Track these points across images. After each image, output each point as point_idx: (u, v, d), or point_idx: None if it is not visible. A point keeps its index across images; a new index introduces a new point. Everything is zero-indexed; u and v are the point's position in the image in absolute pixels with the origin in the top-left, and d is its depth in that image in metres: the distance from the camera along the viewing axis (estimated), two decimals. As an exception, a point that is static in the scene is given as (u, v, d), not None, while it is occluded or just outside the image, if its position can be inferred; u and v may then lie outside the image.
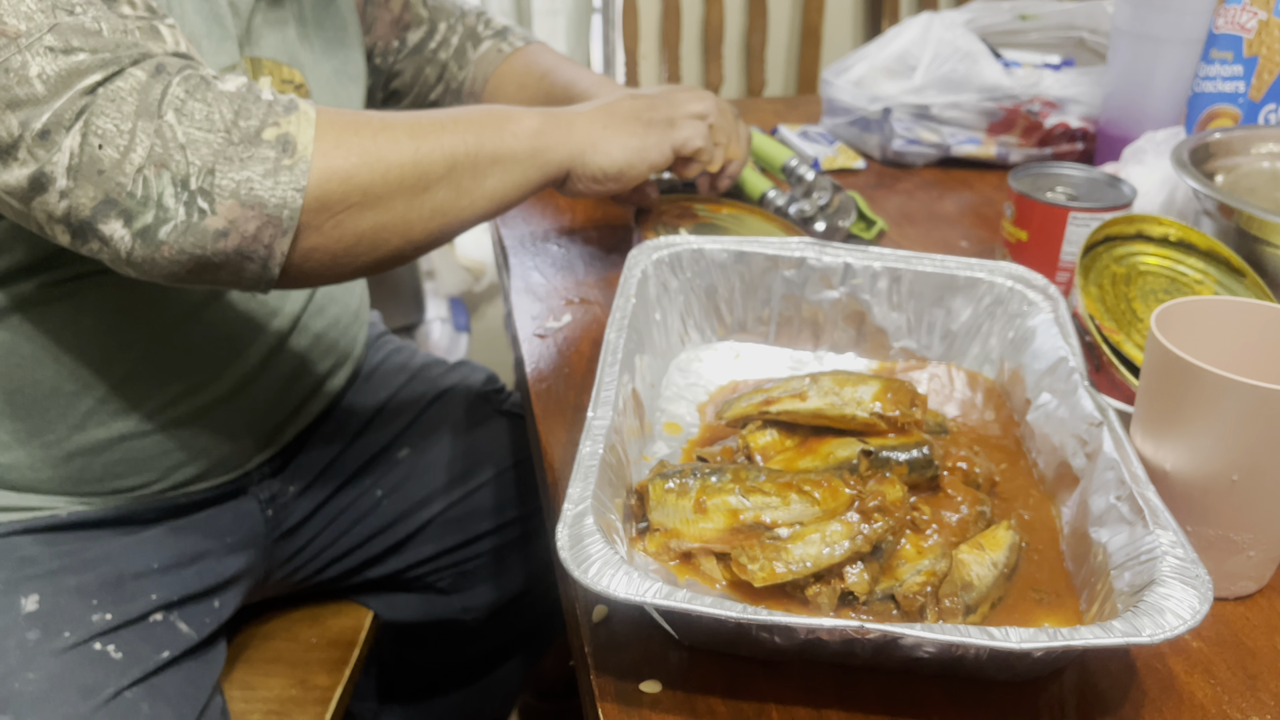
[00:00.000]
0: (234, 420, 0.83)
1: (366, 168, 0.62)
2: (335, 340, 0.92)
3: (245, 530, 0.87)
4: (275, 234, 0.59)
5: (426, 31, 1.01)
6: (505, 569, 1.04)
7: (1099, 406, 0.58)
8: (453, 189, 0.67)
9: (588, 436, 0.54)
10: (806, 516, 0.53)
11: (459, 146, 0.67)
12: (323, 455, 0.95)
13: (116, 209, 0.57)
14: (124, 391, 0.75)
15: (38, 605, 0.73)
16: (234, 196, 0.58)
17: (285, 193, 0.59)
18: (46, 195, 0.56)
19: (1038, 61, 1.17)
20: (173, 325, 0.76)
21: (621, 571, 0.45)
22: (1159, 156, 0.89)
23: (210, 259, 0.59)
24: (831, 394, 0.61)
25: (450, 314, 2.04)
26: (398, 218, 0.65)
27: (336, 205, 0.61)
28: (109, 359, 0.74)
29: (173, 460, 0.80)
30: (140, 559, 0.79)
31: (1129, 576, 0.48)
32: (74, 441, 0.75)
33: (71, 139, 0.55)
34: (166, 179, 0.56)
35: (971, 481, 0.60)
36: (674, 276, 0.72)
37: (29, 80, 0.54)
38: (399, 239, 0.66)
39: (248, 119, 0.59)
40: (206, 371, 0.79)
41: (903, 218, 1.01)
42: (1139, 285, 0.71)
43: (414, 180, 0.65)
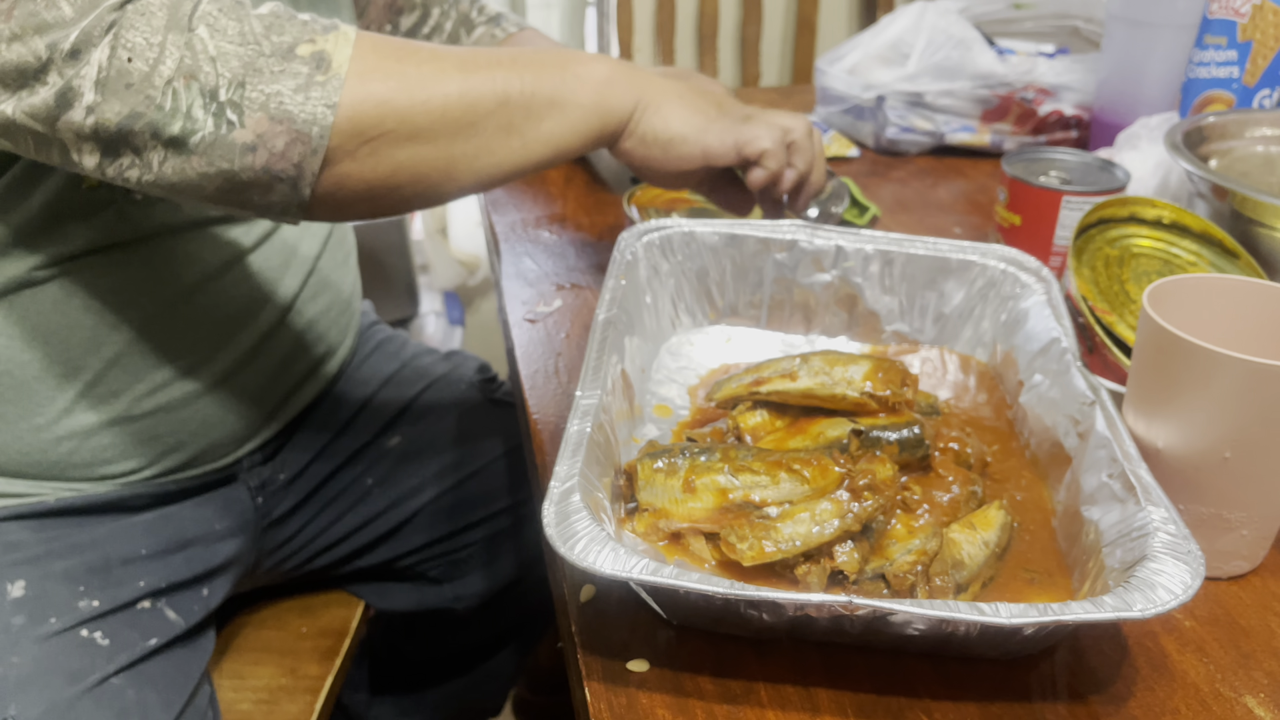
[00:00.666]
0: (225, 406, 0.82)
1: (406, 94, 0.59)
2: (328, 327, 0.91)
3: (235, 517, 0.86)
4: (305, 152, 0.57)
5: (419, 16, 1.00)
6: (497, 557, 1.04)
7: (1091, 386, 0.57)
8: (503, 129, 0.63)
9: (575, 415, 0.53)
10: (796, 495, 0.52)
11: (514, 84, 0.63)
12: (314, 442, 0.95)
13: (144, 120, 0.55)
14: (113, 375, 0.74)
15: (24, 591, 0.72)
16: (263, 110, 0.56)
17: (316, 109, 0.57)
18: (73, 112, 0.55)
19: (1032, 49, 1.17)
20: (164, 308, 0.75)
21: (608, 548, 0.45)
22: (1153, 142, 0.89)
23: (238, 175, 0.57)
24: (822, 374, 0.60)
25: (444, 307, 2.03)
26: (440, 153, 0.61)
27: (371, 130, 0.59)
28: (98, 342, 0.73)
29: (163, 446, 0.79)
30: (128, 545, 0.78)
31: (1120, 554, 0.48)
32: (62, 426, 0.74)
33: (100, 53, 0.54)
34: (195, 90, 0.55)
35: (963, 462, 0.59)
36: (665, 259, 0.71)
37: (56, 3, 0.54)
38: (440, 176, 0.62)
39: (281, 34, 0.57)
40: (198, 355, 0.78)
41: (897, 205, 1.01)
42: (1132, 267, 0.70)
43: (459, 114, 0.61)
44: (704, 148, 0.71)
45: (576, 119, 0.66)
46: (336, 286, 0.92)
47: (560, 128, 0.65)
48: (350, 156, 0.59)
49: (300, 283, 0.85)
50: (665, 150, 0.70)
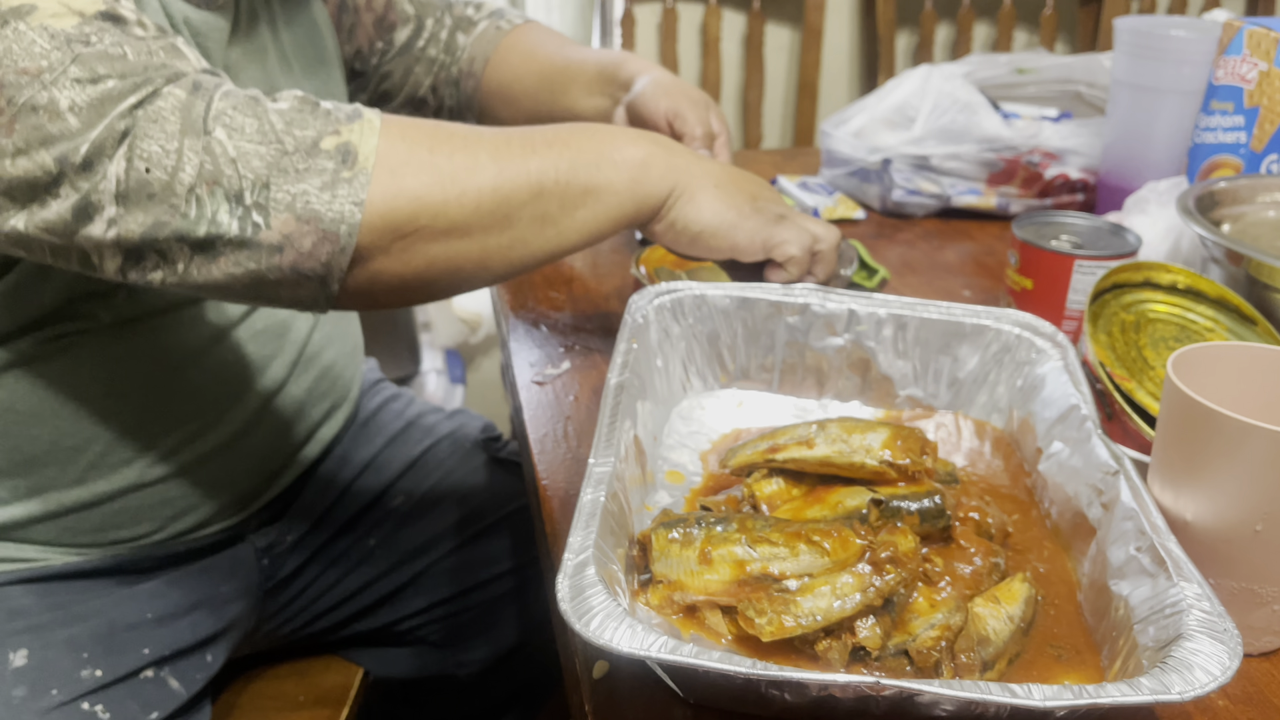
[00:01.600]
0: (233, 467, 0.81)
1: (440, 189, 0.58)
2: (331, 384, 0.90)
3: (240, 580, 0.85)
4: (333, 251, 0.56)
5: (414, 29, 0.99)
6: (500, 622, 1.01)
7: (1114, 455, 0.56)
8: (538, 220, 0.62)
9: (589, 483, 0.52)
10: (816, 568, 0.51)
11: (548, 173, 0.62)
12: (319, 502, 0.93)
13: (169, 229, 0.54)
14: (124, 443, 0.73)
15: (26, 660, 0.70)
16: (289, 210, 0.55)
17: (343, 207, 0.55)
18: (93, 225, 0.54)
19: (1035, 114, 1.18)
20: (171, 373, 0.74)
21: (624, 625, 0.43)
22: (1162, 206, 0.89)
23: (266, 274, 0.56)
24: (839, 441, 0.59)
25: (446, 366, 2.02)
26: (474, 246, 0.60)
27: (405, 227, 0.57)
28: (108, 412, 0.72)
29: (172, 510, 0.78)
30: (134, 610, 0.77)
31: (1153, 631, 0.46)
32: (73, 495, 0.73)
33: (116, 165, 0.53)
34: (219, 195, 0.54)
35: (984, 532, 0.58)
36: (676, 322, 0.70)
37: (60, 114, 0.52)
38: (474, 268, 0.61)
39: (303, 129, 0.56)
40: (206, 418, 0.77)
41: (904, 267, 1.00)
42: (1149, 333, 0.69)
43: (494, 207, 0.60)
44: (732, 243, 0.71)
45: (612, 205, 0.65)
46: (340, 341, 0.91)
47: (595, 216, 0.65)
48: (384, 253, 0.57)
49: (304, 339, 0.85)
50: (694, 241, 0.70)
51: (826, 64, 2.02)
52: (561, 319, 0.87)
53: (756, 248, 0.72)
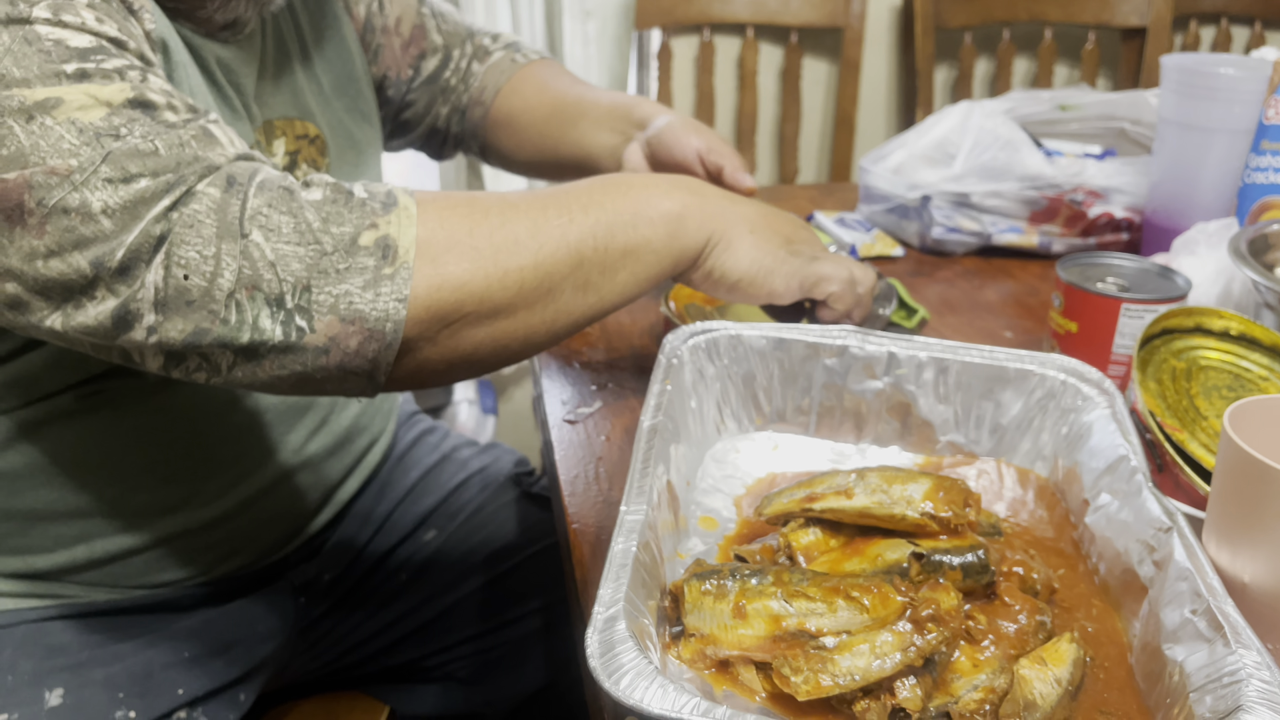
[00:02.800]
0: (277, 508, 0.81)
1: (483, 273, 0.57)
2: (369, 420, 0.90)
3: (276, 619, 0.84)
4: (379, 349, 0.55)
5: (441, 60, 0.98)
6: (528, 659, 1.00)
7: (1166, 510, 0.54)
8: (579, 289, 0.61)
9: (620, 532, 0.51)
10: (854, 625, 0.49)
11: (586, 241, 0.61)
12: (356, 538, 0.93)
13: (211, 336, 0.53)
14: (167, 492, 0.73)
15: (61, 700, 0.70)
16: (332, 312, 0.54)
17: (388, 305, 0.54)
18: (134, 332, 0.53)
19: (1079, 151, 1.16)
20: (214, 420, 0.74)
21: (656, 684, 0.42)
22: (1212, 248, 0.86)
23: (312, 375, 0.55)
24: (879, 492, 0.57)
25: (478, 396, 2.02)
26: (519, 325, 0.59)
27: (450, 316, 0.56)
28: (151, 462, 0.72)
29: (216, 554, 0.78)
30: (171, 650, 0.76)
31: (1210, 700, 0.44)
32: (118, 543, 0.73)
33: (154, 273, 0.51)
34: (260, 300, 0.53)
35: (1029, 588, 0.56)
36: (710, 363, 0.69)
37: (94, 217, 0.51)
38: (520, 345, 0.61)
39: (340, 225, 0.54)
40: (248, 463, 0.77)
41: (944, 306, 0.99)
42: (1200, 381, 0.67)
43: (536, 284, 0.59)
44: (770, 289, 0.70)
45: (651, 264, 0.65)
46: None
47: (635, 276, 0.64)
48: (430, 342, 0.57)
49: None
50: (732, 289, 0.70)
51: (864, 98, 2.01)
52: (594, 356, 0.86)
53: (794, 290, 0.71)
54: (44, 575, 0.72)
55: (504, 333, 0.59)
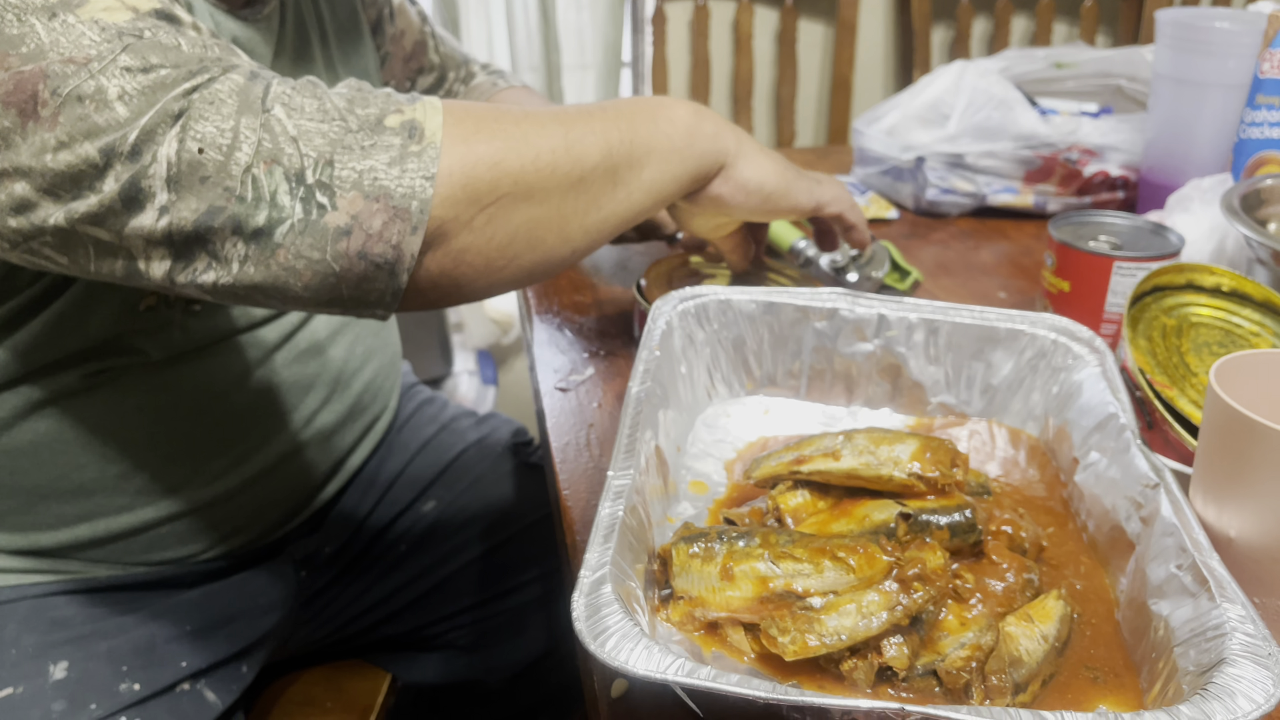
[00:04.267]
0: (278, 487, 0.81)
1: (515, 153, 0.55)
2: (373, 397, 0.90)
3: (278, 591, 0.85)
4: (404, 231, 0.52)
5: (436, 79, 1.00)
6: (529, 627, 1.01)
7: (1154, 467, 0.54)
8: (609, 180, 0.60)
9: (607, 497, 0.51)
10: (841, 585, 0.49)
11: (612, 134, 0.61)
12: (356, 512, 0.94)
13: (224, 215, 0.50)
14: (171, 470, 0.73)
15: (66, 673, 0.70)
16: (356, 188, 0.51)
17: (414, 181, 0.52)
18: (143, 215, 0.50)
19: (1074, 109, 1.15)
20: (216, 400, 0.73)
21: (641, 646, 0.42)
22: (1206, 204, 0.86)
23: (330, 265, 0.52)
24: (867, 453, 0.57)
25: (478, 367, 2.03)
26: (553, 212, 0.58)
27: (487, 196, 0.54)
28: (154, 440, 0.72)
29: (219, 533, 0.78)
30: (174, 623, 0.77)
31: (1194, 654, 0.44)
32: (121, 522, 0.73)
33: (167, 148, 0.49)
34: (279, 175, 0.50)
35: (1017, 547, 0.56)
36: (700, 328, 0.69)
37: (109, 104, 0.48)
38: (555, 238, 0.59)
39: (365, 107, 0.53)
40: (251, 442, 0.77)
41: (938, 268, 0.98)
42: (1191, 338, 0.67)
43: (568, 168, 0.58)
44: (794, 202, 0.71)
45: (675, 163, 0.64)
46: (381, 352, 0.91)
47: (661, 174, 0.64)
48: (467, 228, 0.54)
49: (347, 351, 0.84)
50: (763, 197, 0.69)
51: (860, 60, 2.00)
52: (586, 323, 0.86)
53: (811, 206, 0.73)
54: (47, 552, 0.73)
55: (539, 221, 0.57)
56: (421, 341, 1.91)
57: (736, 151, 0.68)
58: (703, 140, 0.66)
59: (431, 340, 1.93)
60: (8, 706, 0.68)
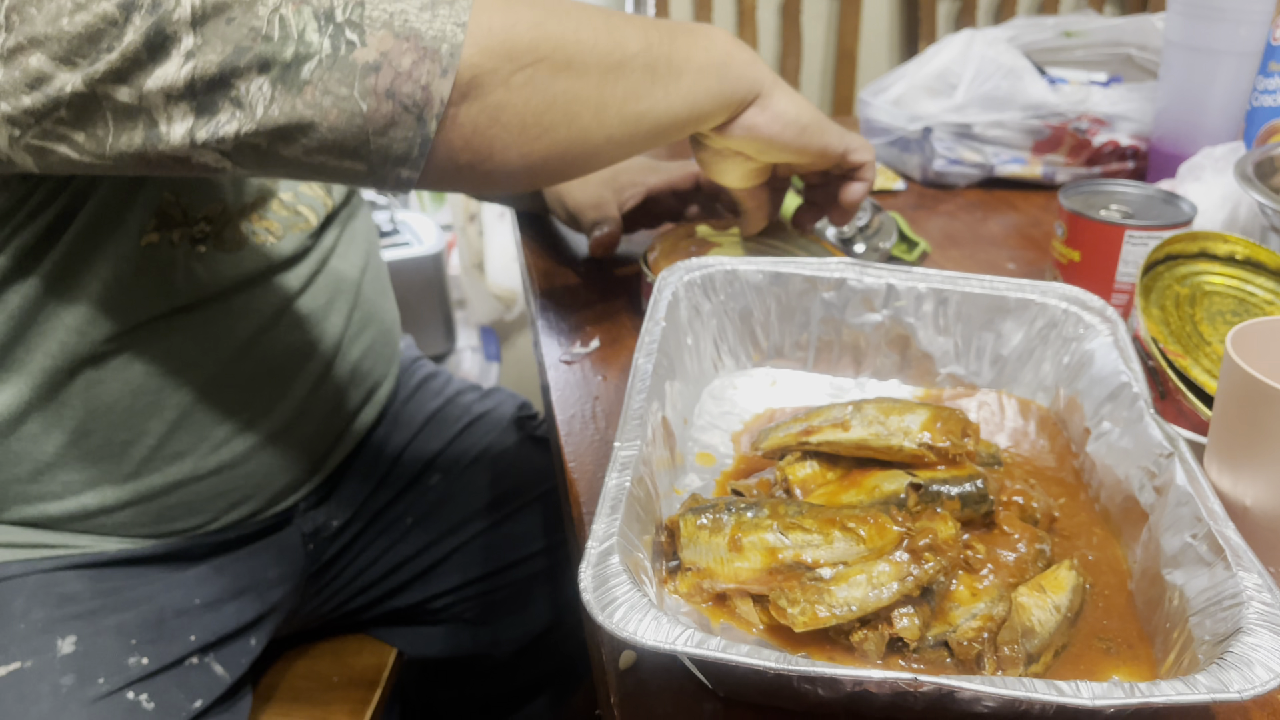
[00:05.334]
0: (284, 454, 0.81)
1: (557, 20, 0.55)
2: (373, 364, 0.90)
3: (286, 564, 0.85)
4: (433, 73, 0.51)
5: None
6: (534, 600, 1.01)
7: (1168, 436, 0.53)
8: (648, 73, 0.60)
9: (614, 468, 0.50)
10: (851, 556, 0.49)
11: (652, 34, 0.60)
12: (364, 484, 0.93)
13: (250, 55, 0.49)
14: (177, 438, 0.73)
15: (74, 647, 0.70)
16: (386, 27, 0.50)
17: (444, 26, 0.51)
18: (168, 63, 0.49)
19: (1084, 78, 1.13)
20: (223, 365, 0.73)
21: (650, 616, 0.42)
22: (1218, 173, 0.85)
23: (357, 104, 0.51)
24: (876, 423, 0.57)
25: (481, 343, 2.02)
26: (592, 90, 0.57)
27: (525, 55, 0.54)
28: (160, 406, 0.71)
29: (227, 501, 0.78)
30: (183, 596, 0.76)
31: (1210, 624, 0.44)
32: (128, 490, 0.73)
33: None
34: (308, 13, 0.49)
35: (1029, 517, 0.55)
36: (706, 299, 0.68)
37: None
38: (592, 117, 0.58)
39: None
40: (257, 407, 0.77)
41: (946, 239, 0.97)
42: (1205, 306, 0.66)
43: (608, 48, 0.57)
44: (825, 143, 0.70)
45: (711, 82, 0.64)
46: (379, 317, 0.90)
47: (697, 87, 0.63)
48: (505, 85, 0.53)
49: (346, 318, 0.84)
50: (803, 131, 0.68)
51: (866, 31, 1.97)
52: (591, 297, 0.85)
53: (838, 152, 0.71)
54: (55, 523, 0.73)
55: (577, 96, 0.57)
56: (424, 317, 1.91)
57: (772, 84, 0.67)
58: (739, 65, 0.65)
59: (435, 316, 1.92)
60: (16, 680, 0.68)
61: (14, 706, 0.67)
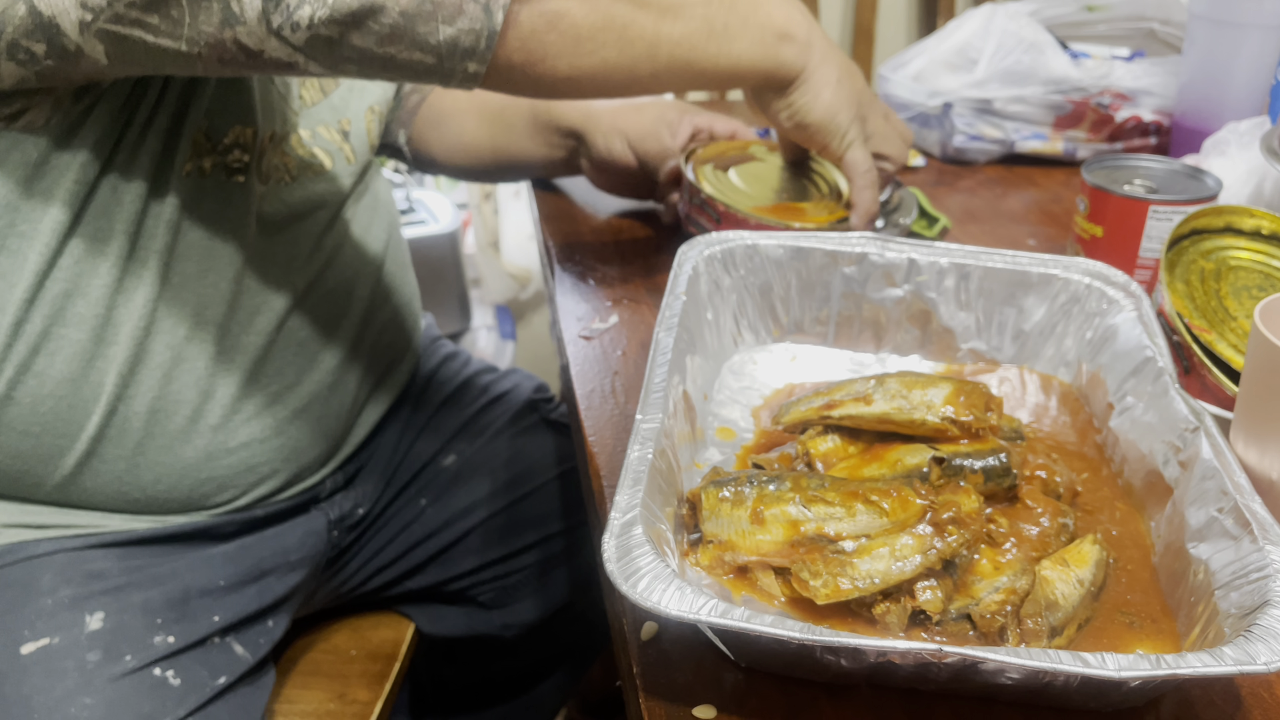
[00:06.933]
0: (312, 428, 0.81)
1: None
2: (394, 337, 0.90)
3: (309, 548, 0.85)
4: None
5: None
6: (549, 583, 1.01)
7: (1193, 410, 0.53)
8: (705, 27, 0.64)
9: (636, 440, 0.50)
10: (874, 529, 0.49)
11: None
12: (385, 466, 0.94)
13: None
14: (209, 410, 0.73)
15: (102, 623, 0.70)
16: None
17: None
18: None
19: (1106, 53, 1.12)
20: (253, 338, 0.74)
21: (673, 587, 0.42)
22: (1243, 147, 0.84)
23: None
24: (899, 397, 0.56)
25: (496, 322, 2.02)
26: (650, 22, 0.61)
27: None
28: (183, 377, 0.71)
29: (255, 476, 0.78)
30: (208, 576, 0.77)
31: (1236, 597, 0.44)
32: (162, 464, 0.73)
33: None
34: None
35: (1051, 491, 0.55)
36: (726, 274, 0.68)
37: None
38: (645, 47, 0.62)
39: None
40: (286, 379, 0.77)
41: (966, 216, 0.97)
42: (1230, 281, 0.65)
43: None
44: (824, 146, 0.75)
45: (769, 43, 0.68)
46: (400, 290, 0.91)
47: (749, 48, 0.67)
48: None
49: (370, 291, 0.85)
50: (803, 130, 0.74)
51: (884, 6, 1.96)
52: (609, 272, 0.85)
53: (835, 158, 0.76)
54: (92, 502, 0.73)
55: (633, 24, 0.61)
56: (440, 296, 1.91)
57: (808, 78, 0.71)
58: (786, 51, 0.69)
59: (450, 295, 1.92)
60: (44, 656, 0.68)
61: (42, 682, 0.67)
